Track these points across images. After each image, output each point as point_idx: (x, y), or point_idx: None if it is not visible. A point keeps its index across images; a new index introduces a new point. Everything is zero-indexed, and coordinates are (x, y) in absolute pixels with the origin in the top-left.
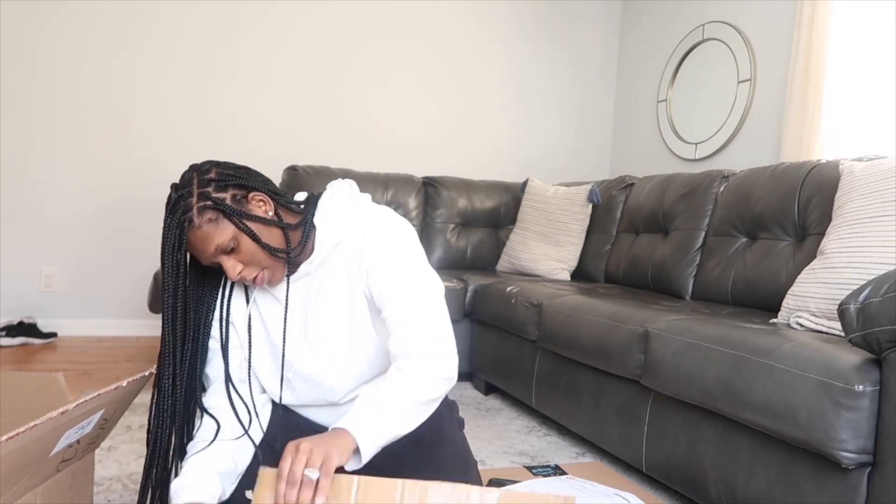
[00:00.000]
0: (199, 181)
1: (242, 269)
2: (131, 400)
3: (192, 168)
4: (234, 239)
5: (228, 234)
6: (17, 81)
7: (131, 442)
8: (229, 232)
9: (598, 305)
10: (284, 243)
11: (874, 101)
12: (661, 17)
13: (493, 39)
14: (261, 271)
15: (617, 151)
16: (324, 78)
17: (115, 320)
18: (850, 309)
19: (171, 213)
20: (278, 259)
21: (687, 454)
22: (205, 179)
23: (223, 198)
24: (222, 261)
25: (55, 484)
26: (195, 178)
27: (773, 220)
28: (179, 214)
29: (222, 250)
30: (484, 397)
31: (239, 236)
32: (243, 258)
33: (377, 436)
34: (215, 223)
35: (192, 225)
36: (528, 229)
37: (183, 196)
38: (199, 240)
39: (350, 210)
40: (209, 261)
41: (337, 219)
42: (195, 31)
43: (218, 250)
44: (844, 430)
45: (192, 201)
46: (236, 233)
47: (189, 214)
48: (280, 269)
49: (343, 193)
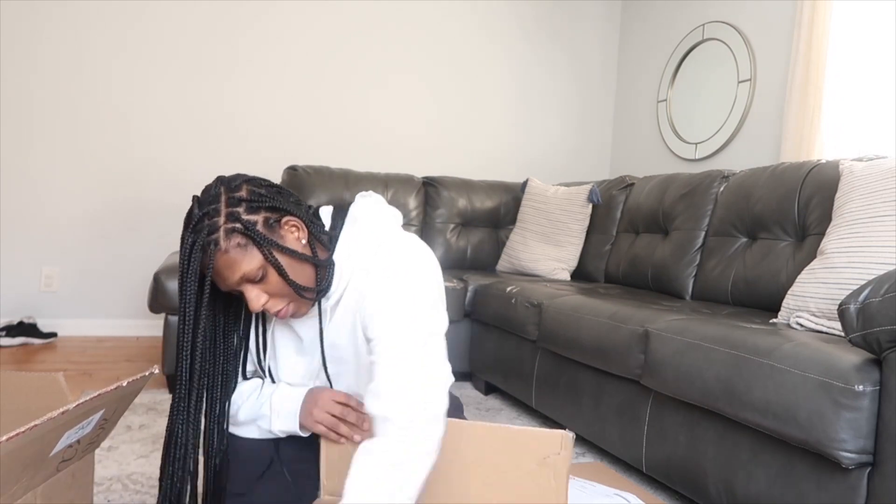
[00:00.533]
0: (227, 199)
1: (267, 301)
2: (131, 400)
3: (219, 181)
4: (262, 268)
5: (257, 262)
6: (17, 81)
7: (131, 442)
8: (258, 261)
9: (598, 305)
10: (314, 280)
11: (874, 101)
12: (661, 17)
13: (493, 39)
14: (287, 304)
15: (617, 151)
16: (324, 78)
17: (115, 320)
18: (850, 309)
19: (193, 231)
20: (303, 292)
21: (687, 454)
22: (235, 198)
23: (254, 221)
24: (246, 290)
25: (55, 484)
26: (223, 195)
27: (773, 220)
28: (204, 235)
29: (247, 279)
30: (484, 397)
31: (267, 268)
32: (270, 289)
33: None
34: (244, 249)
35: (217, 248)
36: (528, 229)
37: (209, 214)
38: (223, 265)
39: (368, 245)
40: (230, 288)
41: (354, 255)
42: (195, 31)
43: (243, 279)
44: (844, 430)
45: (218, 221)
46: (264, 263)
47: (215, 236)
48: (306, 304)
49: (365, 221)
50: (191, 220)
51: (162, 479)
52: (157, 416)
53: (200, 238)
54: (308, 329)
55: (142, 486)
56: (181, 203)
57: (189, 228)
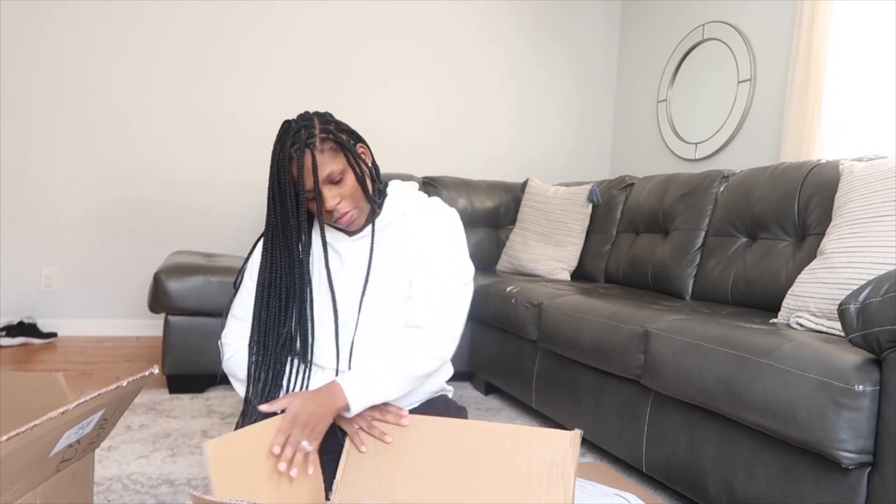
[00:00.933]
0: (320, 119)
1: (341, 202)
2: (131, 400)
3: (309, 112)
4: (343, 172)
5: (341, 166)
6: (17, 81)
7: (131, 442)
8: (342, 164)
9: (598, 305)
10: (375, 194)
11: (874, 101)
12: (661, 17)
13: (493, 39)
14: (354, 209)
15: (617, 151)
16: (324, 78)
17: (115, 320)
18: (850, 309)
19: (293, 137)
20: (367, 204)
21: (687, 454)
22: (326, 119)
23: (342, 136)
24: (325, 189)
25: (55, 484)
26: (316, 118)
27: (773, 220)
28: (305, 138)
29: (331, 179)
30: (484, 397)
31: (347, 172)
32: (344, 192)
33: (365, 397)
34: (333, 153)
35: (314, 148)
36: (528, 229)
37: (306, 126)
38: (317, 162)
39: (413, 192)
40: (314, 186)
41: (406, 196)
42: (195, 31)
43: (327, 178)
44: (844, 430)
45: (314, 131)
46: (346, 168)
47: (313, 140)
48: (365, 214)
49: (409, 183)
50: (289, 132)
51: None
52: (157, 416)
53: (300, 141)
54: (353, 252)
55: (142, 486)
56: (181, 203)
57: (287, 137)
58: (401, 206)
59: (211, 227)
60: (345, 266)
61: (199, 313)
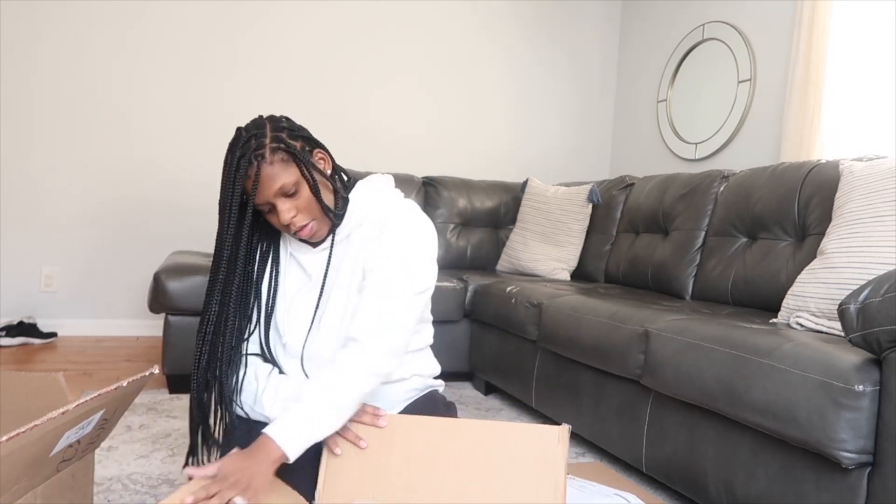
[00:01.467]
0: (272, 126)
1: (296, 215)
2: (131, 400)
3: (263, 117)
4: (297, 185)
5: (293, 177)
6: (17, 81)
7: (131, 442)
8: (294, 176)
9: (598, 305)
10: (334, 204)
11: (874, 101)
12: (661, 17)
13: (493, 40)
14: (311, 220)
15: (617, 151)
16: (324, 78)
17: (115, 320)
18: (850, 309)
19: (242, 148)
20: (326, 217)
21: (687, 454)
22: (278, 126)
23: (295, 145)
24: (279, 202)
25: (55, 484)
26: (268, 124)
27: (773, 220)
28: (253, 149)
29: (283, 192)
30: (484, 397)
31: (301, 183)
32: (299, 204)
33: (300, 442)
34: (285, 164)
35: (263, 160)
36: (528, 229)
37: (256, 135)
38: (266, 175)
39: (380, 198)
40: (265, 199)
41: (368, 201)
42: (195, 31)
43: (280, 191)
44: (844, 430)
45: (264, 140)
46: (300, 179)
47: (262, 151)
48: (325, 226)
49: (378, 182)
50: (238, 141)
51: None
52: (156, 416)
53: (249, 152)
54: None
55: (142, 486)
56: (181, 203)
57: (237, 146)
58: (361, 214)
59: (211, 227)
60: (310, 280)
61: (199, 313)
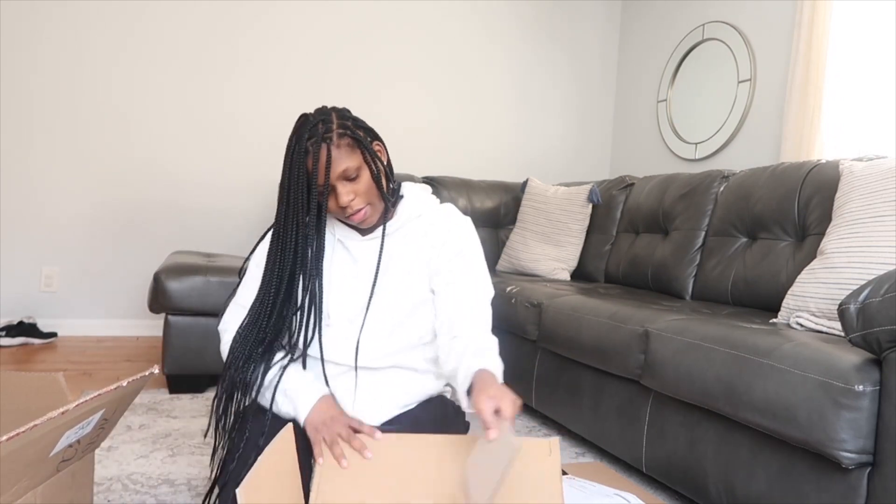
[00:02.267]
0: (338, 114)
1: (355, 198)
2: (131, 400)
3: (327, 107)
4: (359, 169)
5: (356, 162)
6: (17, 81)
7: (131, 442)
8: (358, 161)
9: (598, 305)
10: (389, 192)
11: (874, 101)
12: (661, 17)
13: (493, 40)
14: (367, 205)
15: (617, 151)
16: (324, 78)
17: (115, 320)
18: (850, 309)
19: (310, 131)
20: (381, 202)
21: (687, 454)
22: (344, 114)
23: (360, 133)
24: (340, 185)
25: (55, 484)
26: (333, 113)
27: (773, 220)
28: (322, 132)
29: (346, 176)
30: None
31: (363, 169)
32: (358, 189)
33: (500, 370)
34: (350, 149)
35: (331, 143)
36: (528, 229)
37: (324, 121)
38: (332, 157)
39: (426, 195)
40: (328, 181)
41: (420, 199)
42: (195, 31)
43: (342, 174)
44: (844, 430)
45: (332, 126)
46: (362, 164)
47: (330, 135)
48: (378, 213)
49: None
50: (306, 125)
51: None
52: (157, 416)
53: (317, 135)
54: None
55: (142, 486)
56: (181, 203)
57: (305, 130)
58: (416, 209)
59: (211, 227)
60: (356, 264)
61: (199, 313)
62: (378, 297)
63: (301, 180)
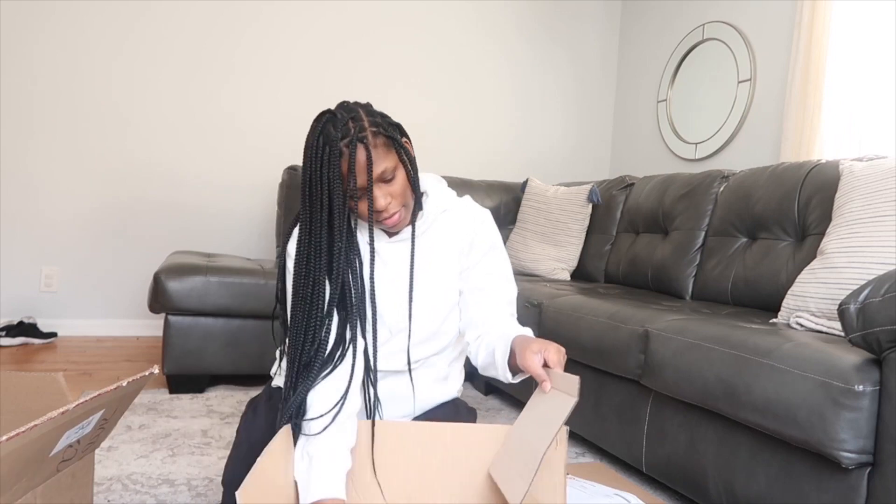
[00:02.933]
0: (367, 112)
1: (391, 201)
2: (131, 400)
3: (352, 103)
4: (396, 170)
5: (393, 163)
6: (17, 81)
7: (131, 442)
8: (394, 161)
9: (598, 305)
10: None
11: (874, 101)
12: (661, 17)
13: (493, 39)
14: (402, 207)
15: (617, 151)
16: (324, 78)
17: (115, 320)
18: (850, 309)
19: (342, 130)
20: (412, 203)
21: (687, 454)
22: (373, 112)
23: (392, 132)
24: (377, 188)
25: (55, 484)
26: (361, 110)
27: (773, 220)
28: (356, 132)
29: (382, 178)
30: (484, 397)
31: (399, 169)
32: (395, 191)
33: None
34: (386, 149)
35: (367, 143)
36: (528, 229)
37: (354, 118)
38: (370, 159)
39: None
40: (362, 184)
41: (442, 191)
42: (195, 31)
43: (380, 176)
44: (844, 430)
45: (364, 124)
46: (398, 165)
47: (365, 133)
48: (408, 214)
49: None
50: (335, 123)
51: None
52: (157, 416)
53: (351, 135)
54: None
55: (142, 486)
56: (181, 203)
57: (335, 129)
58: (441, 204)
59: (211, 227)
60: (386, 267)
61: (199, 313)
62: (417, 303)
63: (335, 184)
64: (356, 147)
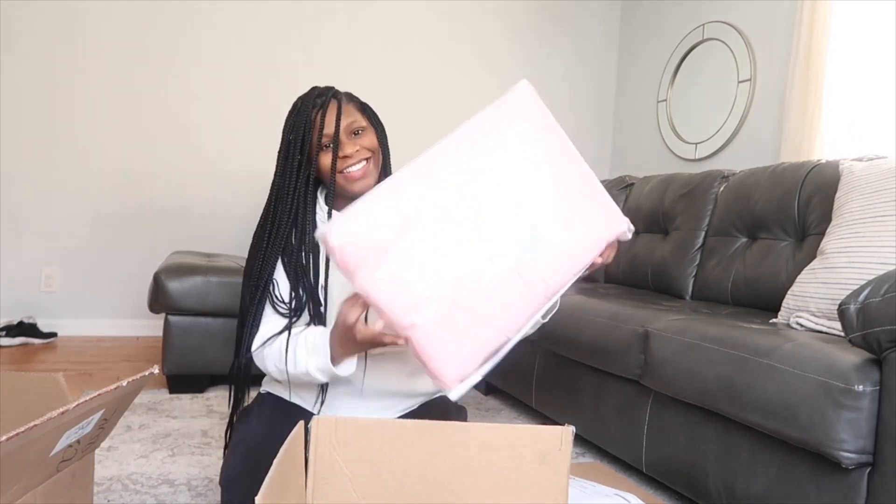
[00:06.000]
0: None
1: (359, 150)
2: (131, 400)
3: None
4: (366, 129)
5: (364, 122)
6: (17, 81)
7: (131, 442)
8: (365, 121)
9: (598, 305)
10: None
11: (874, 101)
12: (661, 17)
13: (493, 40)
14: (369, 158)
15: (617, 151)
16: (324, 80)
17: (115, 320)
18: (850, 309)
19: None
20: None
21: (687, 454)
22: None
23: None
24: (346, 137)
25: (55, 484)
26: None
27: (773, 220)
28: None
29: (352, 129)
30: (484, 397)
31: (369, 130)
32: (362, 143)
33: None
34: (358, 109)
35: (341, 100)
36: None
37: (330, 89)
38: (342, 111)
39: None
40: (338, 129)
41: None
42: (194, 31)
43: (349, 126)
44: (844, 430)
45: (339, 93)
46: (369, 126)
47: (339, 95)
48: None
49: None
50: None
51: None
52: (157, 416)
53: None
54: None
55: (142, 486)
56: (181, 203)
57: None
58: None
59: (211, 227)
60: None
61: (199, 313)
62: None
63: (308, 133)
64: (329, 100)
